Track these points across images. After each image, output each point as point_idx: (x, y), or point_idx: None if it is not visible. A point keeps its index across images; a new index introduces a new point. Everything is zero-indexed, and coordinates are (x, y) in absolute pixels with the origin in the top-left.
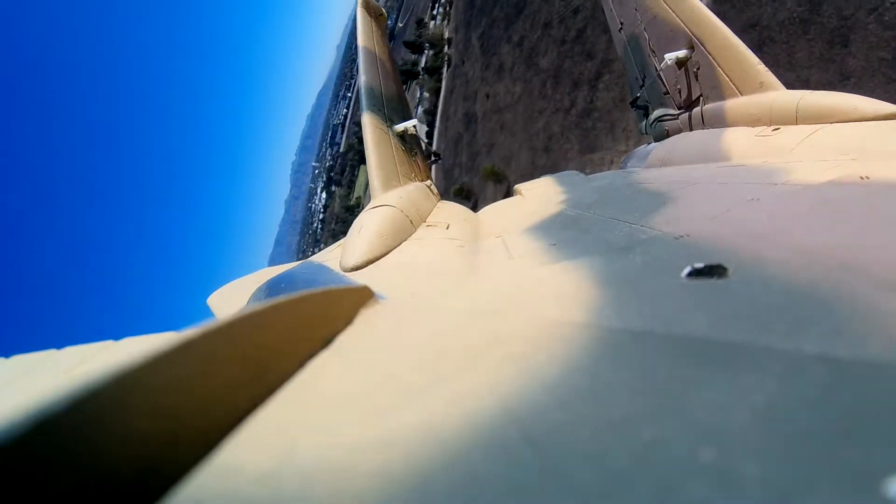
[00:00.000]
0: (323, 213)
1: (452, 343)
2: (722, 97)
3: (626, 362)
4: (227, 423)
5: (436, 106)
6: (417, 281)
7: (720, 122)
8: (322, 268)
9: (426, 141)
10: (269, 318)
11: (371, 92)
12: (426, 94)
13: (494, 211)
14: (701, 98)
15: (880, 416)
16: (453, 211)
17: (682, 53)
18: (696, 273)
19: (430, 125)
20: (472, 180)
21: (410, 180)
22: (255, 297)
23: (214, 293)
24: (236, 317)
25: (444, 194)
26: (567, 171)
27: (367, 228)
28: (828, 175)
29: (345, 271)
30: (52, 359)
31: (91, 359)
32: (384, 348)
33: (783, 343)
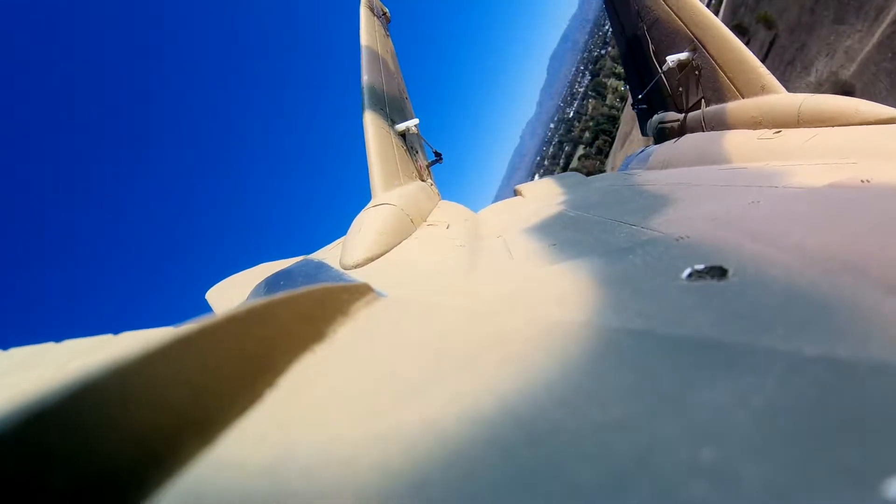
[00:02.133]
0: None
1: (452, 342)
2: (723, 100)
3: (626, 363)
4: (226, 418)
5: None
6: (417, 279)
7: (721, 124)
8: (321, 265)
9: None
10: (269, 314)
11: (373, 91)
12: None
13: (495, 211)
14: (702, 100)
15: (880, 418)
16: (454, 210)
17: (683, 56)
18: (695, 274)
19: None
20: None
21: (412, 179)
22: (254, 293)
23: (212, 288)
24: (235, 312)
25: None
26: (568, 173)
27: (367, 227)
28: (828, 178)
29: (345, 269)
30: (51, 352)
31: (90, 352)
32: (384, 346)
33: (783, 344)
